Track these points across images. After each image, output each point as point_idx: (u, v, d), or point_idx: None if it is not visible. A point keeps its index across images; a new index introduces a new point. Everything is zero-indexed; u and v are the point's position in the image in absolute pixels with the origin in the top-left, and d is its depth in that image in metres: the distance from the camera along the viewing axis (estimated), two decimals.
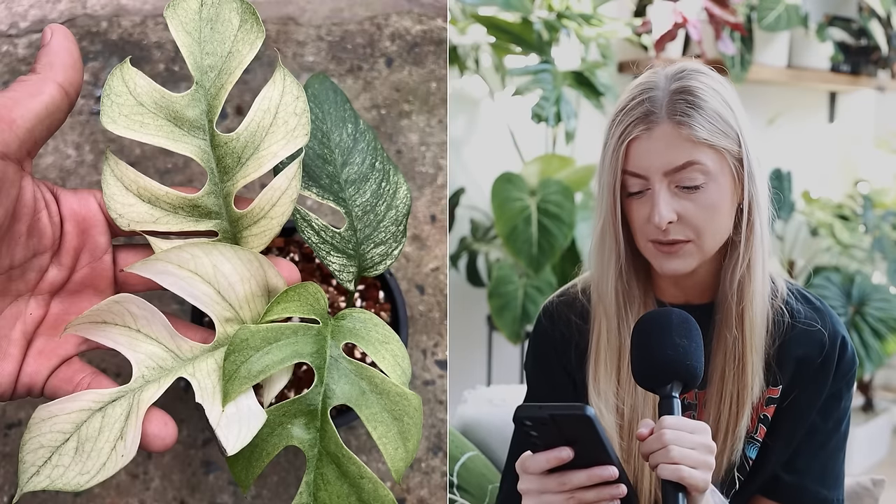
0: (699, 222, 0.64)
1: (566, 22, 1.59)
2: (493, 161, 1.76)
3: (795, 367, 0.68)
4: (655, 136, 0.63)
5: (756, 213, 0.66)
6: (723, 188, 0.64)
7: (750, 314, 0.67)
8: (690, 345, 0.58)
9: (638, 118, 0.64)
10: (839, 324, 0.70)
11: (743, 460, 0.69)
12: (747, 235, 0.66)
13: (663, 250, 0.65)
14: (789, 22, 1.92)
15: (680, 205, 0.63)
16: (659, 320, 0.59)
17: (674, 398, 0.56)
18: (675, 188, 0.64)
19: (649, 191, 0.64)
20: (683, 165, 0.63)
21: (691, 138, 0.62)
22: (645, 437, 0.55)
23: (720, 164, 0.64)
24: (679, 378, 0.57)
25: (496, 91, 1.74)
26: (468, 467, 0.96)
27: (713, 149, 0.63)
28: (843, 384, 0.69)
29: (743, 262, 0.66)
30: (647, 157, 0.64)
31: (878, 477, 0.99)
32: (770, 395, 0.69)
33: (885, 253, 2.06)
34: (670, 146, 0.63)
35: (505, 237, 1.56)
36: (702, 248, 0.65)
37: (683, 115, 0.63)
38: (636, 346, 0.59)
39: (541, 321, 0.77)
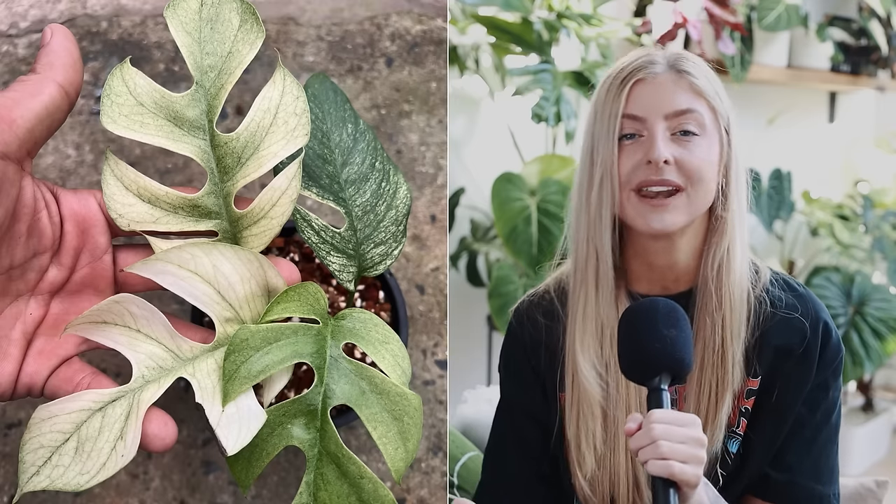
0: (693, 169, 0.64)
1: (566, 22, 1.59)
2: (493, 161, 1.76)
3: (774, 356, 0.66)
4: (659, 80, 0.65)
5: (734, 187, 0.66)
6: (713, 146, 0.65)
7: (730, 299, 0.65)
8: (679, 335, 0.56)
9: (641, 65, 0.66)
10: (822, 310, 0.68)
11: (724, 455, 0.67)
12: (726, 211, 0.66)
13: (652, 203, 0.64)
14: (789, 22, 1.91)
15: (675, 150, 0.64)
16: (646, 311, 0.58)
17: (662, 390, 0.55)
18: (670, 135, 0.64)
19: (642, 137, 0.65)
20: (684, 111, 0.64)
21: (694, 87, 0.65)
22: (633, 433, 0.54)
23: (713, 122, 0.65)
24: (667, 370, 0.56)
25: (496, 91, 1.74)
26: (468, 467, 0.96)
27: (709, 105, 0.65)
28: (829, 373, 0.67)
29: (724, 243, 0.66)
30: (649, 99, 0.65)
31: (881, 478, 0.98)
32: (749, 387, 0.67)
33: (885, 253, 2.06)
34: (674, 91, 0.65)
35: (505, 237, 1.55)
36: (691, 200, 0.64)
37: (687, 65, 0.66)
38: (622, 338, 0.58)
39: (511, 324, 0.75)
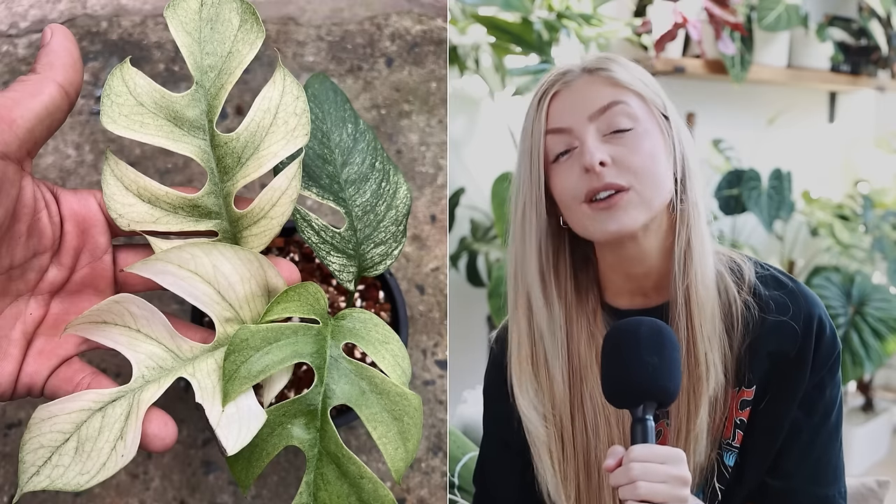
0: (635, 165, 0.59)
1: (566, 22, 1.59)
2: (493, 161, 1.76)
3: (769, 363, 0.63)
4: (576, 87, 0.62)
5: (690, 179, 0.63)
6: (653, 136, 0.61)
7: (696, 298, 0.62)
8: (662, 363, 0.54)
9: (556, 77, 0.63)
10: (815, 304, 0.63)
11: (721, 469, 0.64)
12: (683, 205, 0.62)
13: (601, 206, 0.60)
14: (789, 22, 1.91)
15: (611, 149, 0.60)
16: (628, 334, 0.55)
17: (646, 420, 0.53)
18: (603, 136, 0.60)
19: (575, 149, 0.61)
20: (608, 105, 0.60)
21: (611, 80, 0.61)
22: (612, 469, 0.52)
23: (647, 111, 0.62)
24: (652, 398, 0.53)
25: (496, 91, 1.74)
26: (469, 467, 0.96)
27: (636, 95, 0.61)
28: (826, 372, 0.63)
29: (683, 239, 0.62)
30: (569, 108, 0.62)
31: (883, 478, 0.98)
32: (744, 398, 0.64)
33: (885, 253, 2.06)
34: (592, 91, 0.61)
35: (505, 237, 1.56)
36: (643, 196, 0.60)
37: (601, 66, 0.62)
38: (605, 363, 0.56)
39: (493, 349, 0.72)
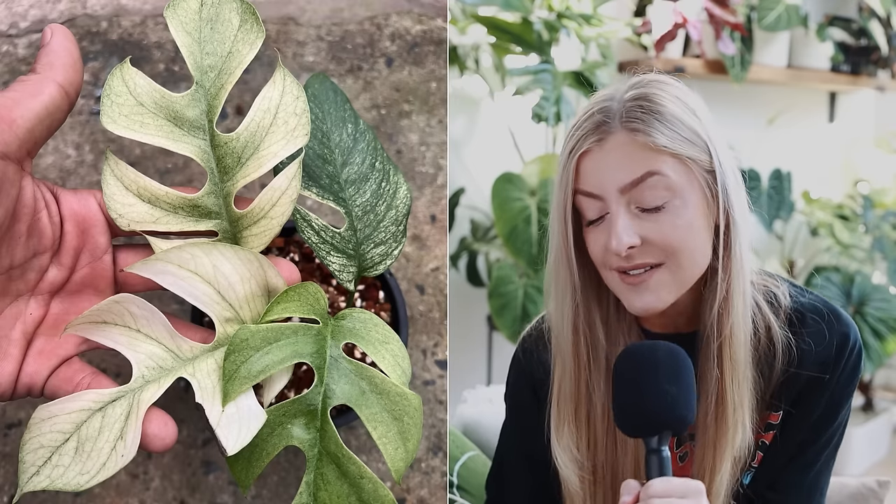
0: (669, 244, 0.56)
1: (566, 22, 1.59)
2: (493, 161, 1.76)
3: (800, 390, 0.62)
4: (608, 147, 0.56)
5: (734, 234, 0.58)
6: (692, 205, 0.56)
7: (729, 350, 0.59)
8: (680, 391, 0.52)
9: (589, 130, 0.57)
10: (849, 326, 0.62)
11: (739, 488, 0.64)
12: (724, 261, 0.58)
13: (630, 282, 0.57)
14: (789, 22, 1.91)
15: (642, 227, 0.56)
16: (644, 360, 0.54)
17: (661, 451, 0.52)
18: (635, 209, 0.56)
19: (608, 215, 0.57)
20: (642, 177, 0.55)
21: (649, 146, 0.55)
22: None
23: (687, 177, 0.56)
24: (668, 428, 0.52)
25: (496, 91, 1.74)
26: (469, 467, 0.96)
27: (677, 158, 0.55)
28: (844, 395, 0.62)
29: (720, 292, 0.58)
30: (600, 173, 0.56)
31: (883, 479, 0.99)
32: (770, 421, 0.63)
33: (885, 253, 2.06)
34: (626, 157, 0.55)
35: (505, 237, 1.56)
36: (677, 274, 0.57)
37: (639, 121, 0.55)
38: (619, 390, 0.54)
39: (518, 355, 0.71)
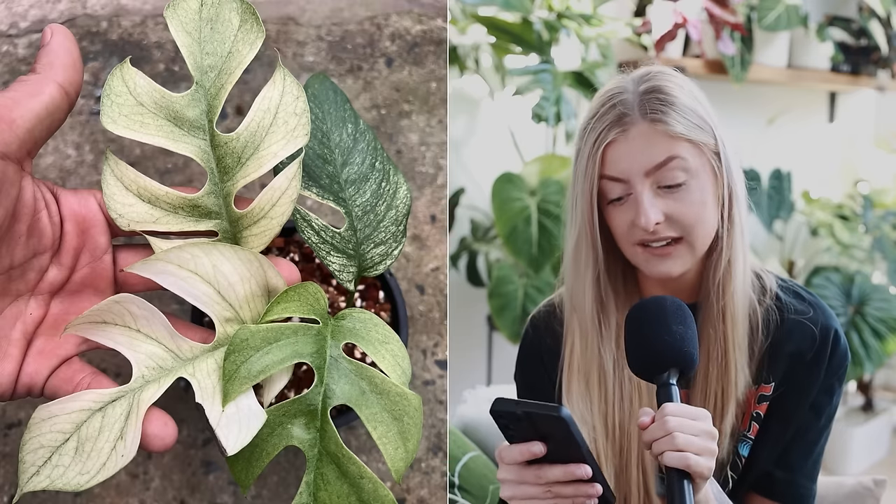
0: (688, 219, 0.63)
1: (566, 22, 1.59)
2: (493, 161, 1.76)
3: (788, 363, 0.68)
4: (632, 136, 0.63)
5: (735, 206, 0.66)
6: (704, 184, 0.64)
7: (731, 311, 0.66)
8: (687, 331, 0.57)
9: (612, 122, 0.64)
10: (831, 318, 0.69)
11: (736, 458, 0.69)
12: (728, 230, 0.66)
13: (655, 253, 0.65)
14: (789, 22, 1.91)
15: (665, 205, 0.63)
16: (654, 307, 0.59)
17: (671, 385, 0.56)
18: (657, 188, 0.63)
19: (631, 195, 0.64)
20: (665, 161, 0.62)
21: (669, 133, 0.62)
22: (647, 426, 0.55)
23: (700, 160, 0.64)
24: (677, 365, 0.56)
25: (496, 91, 1.74)
26: (469, 467, 0.96)
27: (691, 143, 0.63)
28: (836, 379, 0.69)
29: (724, 258, 0.66)
30: (626, 160, 0.63)
31: (879, 477, 0.99)
32: (763, 393, 0.69)
33: (885, 253, 2.06)
34: (649, 144, 0.63)
35: (505, 237, 1.56)
36: (693, 246, 0.64)
37: (658, 112, 0.63)
38: (631, 336, 0.59)
39: (528, 332, 0.76)
